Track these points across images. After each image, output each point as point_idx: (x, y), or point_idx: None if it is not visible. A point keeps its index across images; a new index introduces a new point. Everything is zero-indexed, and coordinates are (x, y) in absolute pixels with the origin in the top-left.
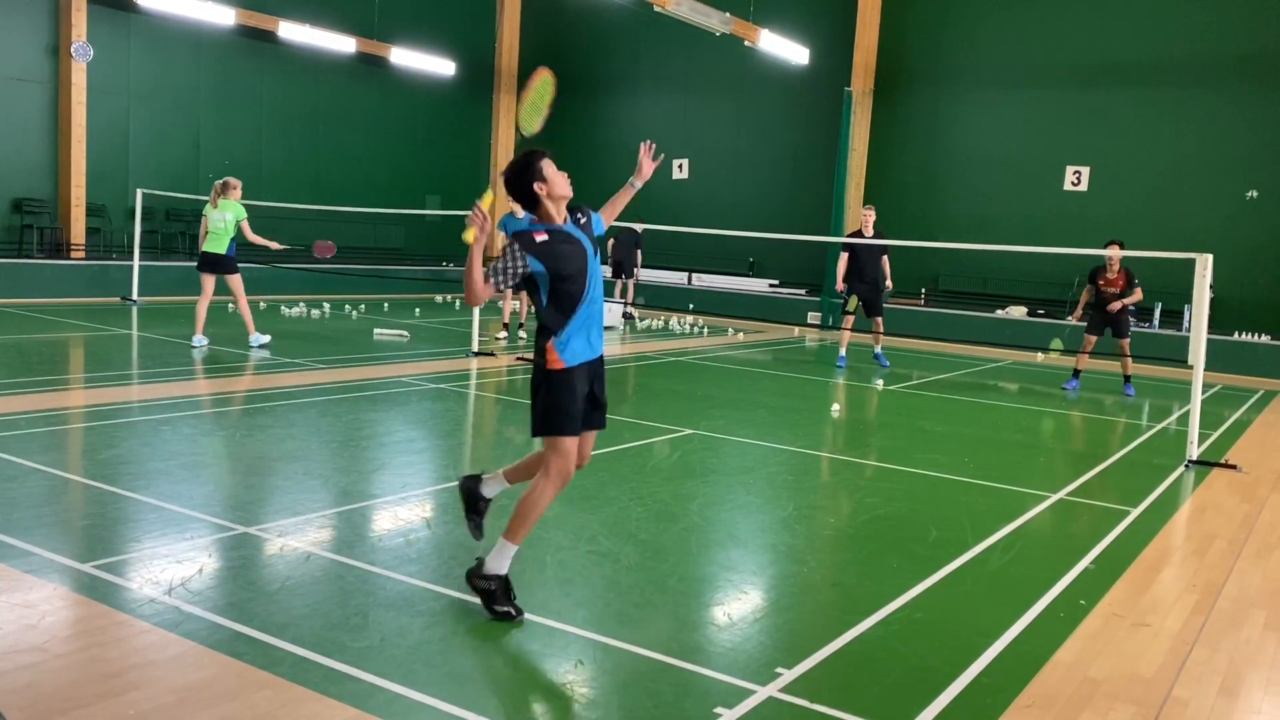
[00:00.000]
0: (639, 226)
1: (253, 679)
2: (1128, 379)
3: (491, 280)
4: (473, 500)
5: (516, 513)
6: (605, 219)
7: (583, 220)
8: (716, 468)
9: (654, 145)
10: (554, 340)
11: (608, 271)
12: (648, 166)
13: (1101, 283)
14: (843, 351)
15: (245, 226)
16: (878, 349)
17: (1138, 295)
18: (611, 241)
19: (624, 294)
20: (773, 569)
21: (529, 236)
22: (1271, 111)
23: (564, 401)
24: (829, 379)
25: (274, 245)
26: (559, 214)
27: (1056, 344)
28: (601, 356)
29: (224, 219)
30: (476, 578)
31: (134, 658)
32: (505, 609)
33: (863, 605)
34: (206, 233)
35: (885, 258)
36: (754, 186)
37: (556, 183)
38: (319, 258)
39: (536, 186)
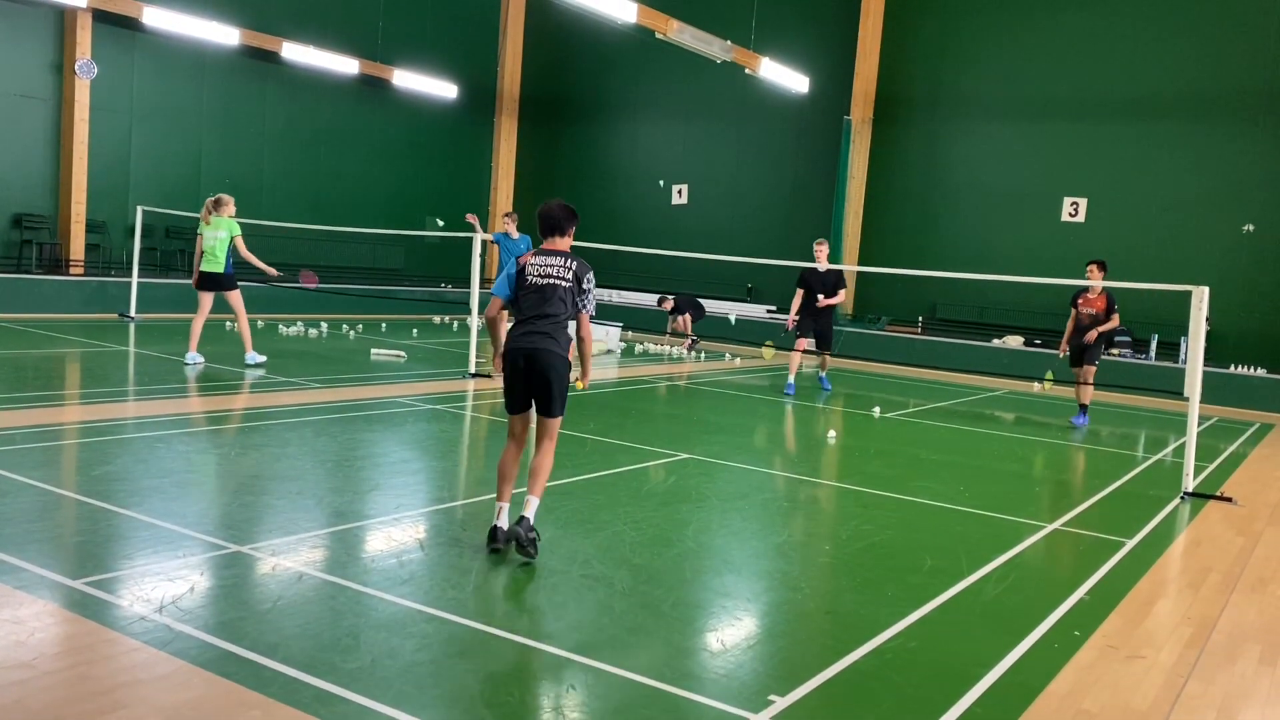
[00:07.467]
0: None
1: (242, 699)
2: (1083, 408)
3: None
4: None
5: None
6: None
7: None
8: (712, 493)
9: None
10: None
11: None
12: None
13: (1081, 302)
14: (791, 379)
15: (239, 243)
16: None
17: (1114, 322)
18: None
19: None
20: (767, 595)
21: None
22: (1268, 146)
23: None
24: (826, 406)
25: (269, 270)
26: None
27: (1049, 375)
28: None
29: (217, 237)
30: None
31: (122, 676)
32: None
33: (857, 633)
34: (202, 253)
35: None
36: (753, 213)
37: None
38: (306, 285)
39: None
